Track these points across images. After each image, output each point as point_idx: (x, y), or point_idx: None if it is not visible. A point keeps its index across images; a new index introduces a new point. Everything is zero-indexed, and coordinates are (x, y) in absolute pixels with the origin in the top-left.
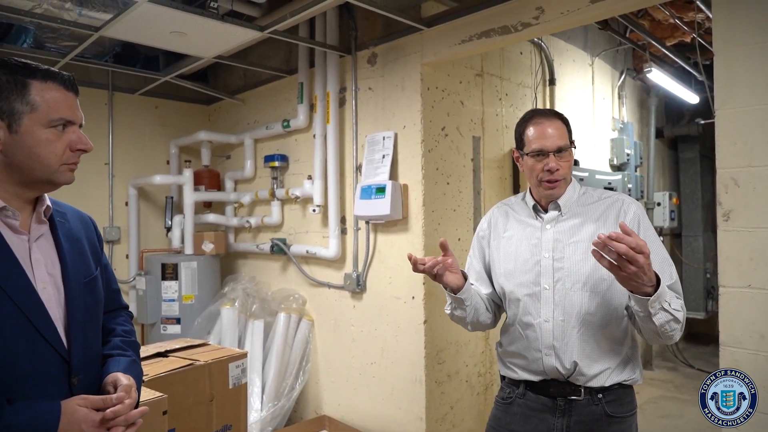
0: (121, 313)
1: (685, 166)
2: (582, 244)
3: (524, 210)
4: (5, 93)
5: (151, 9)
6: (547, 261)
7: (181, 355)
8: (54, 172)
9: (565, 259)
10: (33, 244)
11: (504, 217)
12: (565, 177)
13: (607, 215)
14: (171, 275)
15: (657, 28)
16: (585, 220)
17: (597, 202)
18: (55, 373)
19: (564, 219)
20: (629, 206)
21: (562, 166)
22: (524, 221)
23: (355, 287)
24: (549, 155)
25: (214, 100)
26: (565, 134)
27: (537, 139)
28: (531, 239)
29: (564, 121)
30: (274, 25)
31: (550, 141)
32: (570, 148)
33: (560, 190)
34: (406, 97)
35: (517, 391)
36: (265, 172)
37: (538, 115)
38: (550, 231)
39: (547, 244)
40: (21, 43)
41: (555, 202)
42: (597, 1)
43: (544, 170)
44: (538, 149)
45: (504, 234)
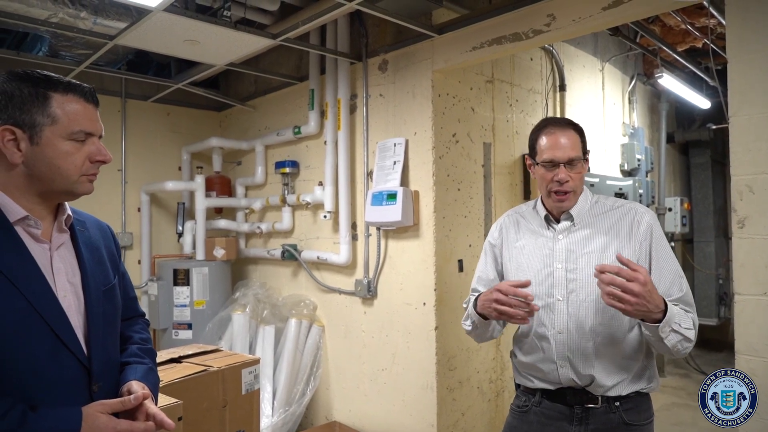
0: (138, 321)
1: (696, 171)
2: (595, 255)
3: (535, 219)
4: (27, 105)
5: (165, 18)
6: (560, 272)
7: (194, 361)
8: (74, 183)
9: (578, 270)
10: (54, 253)
11: (515, 225)
12: (575, 189)
13: (620, 225)
14: (183, 281)
15: (668, 33)
16: (598, 230)
17: (610, 211)
18: (76, 381)
19: (576, 229)
20: (642, 216)
21: (572, 178)
22: (536, 231)
23: (366, 293)
24: (560, 166)
25: (225, 106)
26: (578, 145)
27: (549, 149)
28: (543, 249)
29: (578, 131)
30: (286, 33)
31: (561, 152)
32: (582, 159)
33: (570, 202)
34: (417, 103)
35: (533, 400)
36: (276, 178)
37: (552, 124)
38: (562, 241)
39: (560, 255)
40: (36, 51)
41: (567, 212)
42: (609, 8)
43: (554, 181)
44: (549, 159)
45: (516, 244)
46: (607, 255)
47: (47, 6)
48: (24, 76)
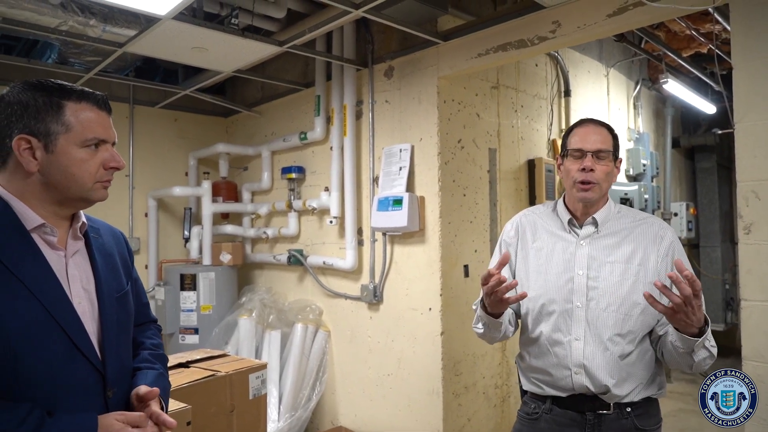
0: (150, 327)
1: (702, 176)
2: (619, 266)
3: (555, 222)
4: (41, 114)
5: (174, 26)
6: (580, 278)
7: (202, 366)
8: (89, 190)
9: (600, 279)
10: (69, 260)
11: (532, 226)
12: (599, 182)
13: (645, 238)
14: (189, 286)
15: (673, 39)
16: (622, 240)
17: (633, 223)
18: (92, 387)
19: (600, 237)
20: (666, 231)
21: (597, 169)
22: (555, 233)
23: (371, 298)
24: (587, 155)
25: (231, 112)
26: (609, 142)
27: (578, 140)
28: (563, 254)
29: (611, 133)
30: (293, 40)
31: (590, 143)
32: (611, 155)
33: (594, 194)
34: (422, 109)
35: (544, 407)
36: (282, 184)
37: (586, 121)
38: (585, 247)
39: (582, 261)
40: (46, 58)
41: (592, 217)
42: (614, 15)
43: (579, 170)
44: (578, 148)
45: (533, 245)
46: (632, 266)
47: (57, 14)
48: (38, 86)
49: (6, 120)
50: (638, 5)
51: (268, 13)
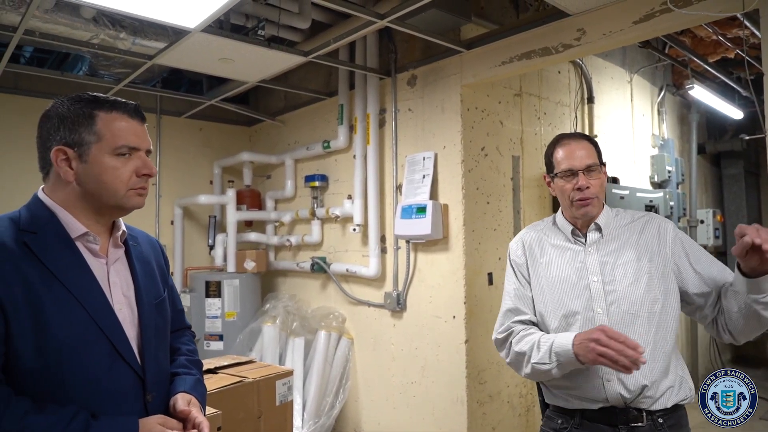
0: (186, 333)
1: (729, 183)
2: (630, 266)
3: (558, 235)
4: (76, 125)
5: (202, 38)
6: (596, 285)
7: (230, 372)
8: (122, 198)
9: (616, 282)
10: (111, 267)
11: (537, 242)
12: (596, 195)
13: (648, 234)
14: (214, 292)
15: (699, 44)
16: (626, 241)
17: (632, 222)
18: (132, 391)
19: (606, 241)
20: (666, 224)
21: (592, 184)
22: (561, 245)
23: (395, 306)
24: (578, 174)
25: (255, 121)
26: (594, 154)
27: (565, 159)
28: (573, 263)
29: (592, 143)
30: (317, 51)
31: (579, 160)
32: (599, 166)
33: (594, 208)
34: (445, 117)
35: (572, 422)
36: (306, 192)
37: (565, 137)
38: (594, 254)
39: (593, 267)
40: (77, 70)
41: (595, 223)
42: (640, 21)
43: (574, 189)
44: (568, 168)
45: (541, 260)
46: (642, 263)
47: (90, 28)
48: (75, 98)
49: (47, 133)
50: (665, 12)
51: (292, 23)
